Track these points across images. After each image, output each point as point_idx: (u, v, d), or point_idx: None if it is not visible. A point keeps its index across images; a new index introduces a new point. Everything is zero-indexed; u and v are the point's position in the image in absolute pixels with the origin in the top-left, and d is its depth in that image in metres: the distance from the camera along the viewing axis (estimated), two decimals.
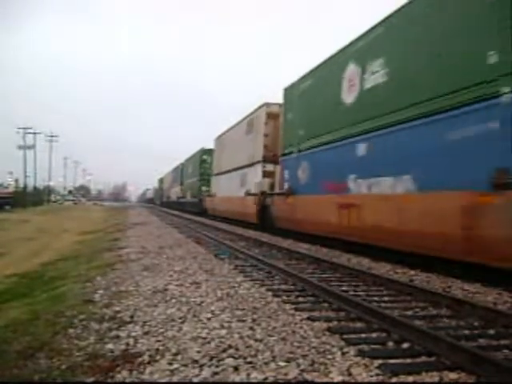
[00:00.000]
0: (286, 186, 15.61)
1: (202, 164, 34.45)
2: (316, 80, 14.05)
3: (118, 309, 5.83)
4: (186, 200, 40.66)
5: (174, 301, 6.14)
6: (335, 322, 5.23)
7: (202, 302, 6.01)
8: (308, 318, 5.30)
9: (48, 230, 26.42)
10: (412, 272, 8.75)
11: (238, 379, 3.56)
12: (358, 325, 5.18)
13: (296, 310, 5.72)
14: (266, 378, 3.56)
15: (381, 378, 3.61)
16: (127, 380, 3.67)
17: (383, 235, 9.81)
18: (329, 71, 13.16)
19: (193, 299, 6.19)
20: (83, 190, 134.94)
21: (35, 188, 73.70)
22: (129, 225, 24.28)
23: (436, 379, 3.62)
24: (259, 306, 5.82)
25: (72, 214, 44.88)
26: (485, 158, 7.15)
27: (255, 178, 19.30)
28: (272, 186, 17.68)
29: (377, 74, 10.48)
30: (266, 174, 18.38)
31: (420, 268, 8.96)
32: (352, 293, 6.75)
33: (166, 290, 6.86)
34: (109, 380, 3.72)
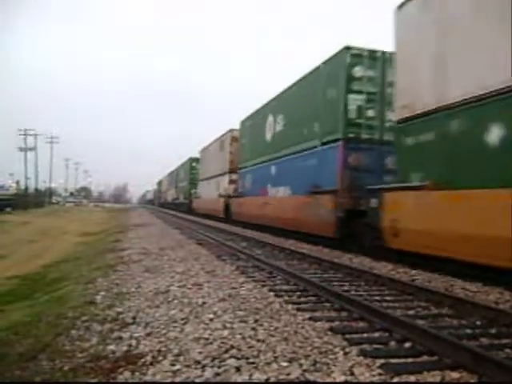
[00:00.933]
0: (239, 190, 22.72)
1: (192, 170, 40.20)
2: (254, 121, 21.12)
3: (120, 310, 5.84)
4: (180, 201, 46.34)
5: (175, 302, 6.15)
6: (337, 322, 5.23)
7: (204, 303, 6.01)
8: (310, 318, 5.30)
9: (49, 231, 26.45)
10: (413, 271, 8.75)
11: (240, 380, 3.56)
12: (360, 325, 5.19)
13: (298, 310, 5.72)
14: (268, 379, 3.57)
15: (383, 377, 3.62)
16: (129, 381, 3.68)
17: (279, 221, 16.46)
18: (260, 117, 20.01)
19: (195, 300, 6.19)
20: (84, 192, 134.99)
21: (36, 190, 73.75)
22: (130, 226, 24.30)
23: (438, 379, 3.62)
24: (261, 307, 5.82)
25: (73, 215, 44.93)
26: (310, 178, 13.65)
27: (224, 184, 26.15)
28: (235, 191, 23.90)
29: (281, 123, 17.29)
30: (231, 182, 25.25)
31: (421, 267, 8.97)
32: (354, 293, 6.76)
33: (167, 291, 6.86)
34: (111, 381, 3.72)
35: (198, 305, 5.94)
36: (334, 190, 12.17)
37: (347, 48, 12.36)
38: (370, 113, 12.38)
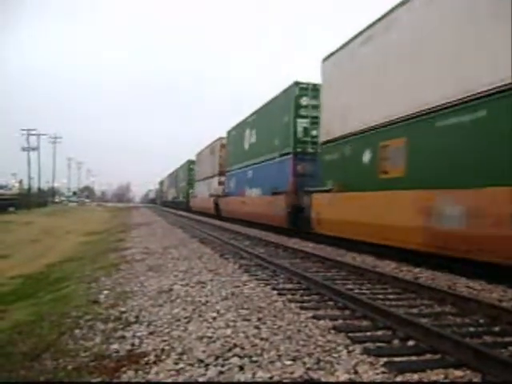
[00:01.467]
0: (226, 191, 26.77)
1: (190, 172, 43.86)
2: (237, 132, 25.00)
3: (123, 309, 5.85)
4: (179, 200, 50.20)
5: (179, 301, 6.16)
6: (340, 321, 5.23)
7: (207, 302, 6.02)
8: (313, 317, 5.30)
9: (52, 231, 26.50)
10: (417, 270, 8.74)
11: (243, 378, 3.57)
12: (364, 323, 5.18)
13: (301, 308, 5.72)
14: (271, 377, 3.57)
15: (386, 375, 3.61)
16: (133, 380, 3.68)
17: (253, 216, 20.32)
18: (241, 129, 24.02)
19: (198, 299, 6.20)
20: (87, 191, 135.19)
21: (39, 189, 73.93)
22: (133, 225, 24.34)
23: (441, 377, 3.61)
24: (264, 305, 5.82)
25: (76, 215, 45.00)
26: (273, 181, 17.43)
27: (215, 185, 29.81)
28: (223, 191, 27.47)
29: (254, 136, 21.25)
30: (220, 183, 28.82)
31: (425, 266, 8.96)
32: (357, 291, 6.75)
33: (171, 289, 6.87)
34: (115, 380, 3.73)
35: (201, 303, 5.95)
36: (286, 191, 16.07)
37: (296, 83, 16.36)
38: (314, 132, 15.93)
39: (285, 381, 3.52)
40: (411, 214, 9.02)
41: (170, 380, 3.62)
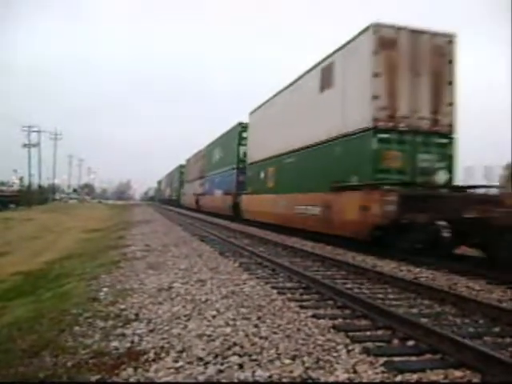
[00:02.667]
0: (203, 191, 34.90)
1: (181, 174, 51.19)
2: (210, 148, 33.59)
3: (123, 307, 5.85)
4: (173, 198, 58.78)
5: (178, 298, 6.16)
6: (340, 320, 5.23)
7: (207, 300, 6.02)
8: (313, 316, 5.30)
9: (53, 228, 26.52)
10: (417, 270, 8.73)
11: (242, 377, 3.57)
12: (363, 322, 5.18)
13: (301, 307, 5.72)
14: (270, 376, 3.57)
15: (386, 375, 3.61)
16: (132, 378, 3.68)
17: (216, 209, 28.99)
18: (213, 146, 32.56)
19: (198, 297, 6.20)
20: (88, 189, 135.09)
21: (40, 186, 73.92)
22: (133, 223, 24.35)
23: (441, 377, 3.61)
24: (264, 304, 5.82)
25: (77, 212, 45.01)
26: (226, 186, 26.61)
27: (197, 186, 37.87)
28: (202, 191, 35.50)
29: (218, 154, 30.61)
30: (200, 185, 36.40)
31: (425, 266, 8.96)
32: (357, 290, 6.75)
33: (171, 287, 6.87)
34: (114, 378, 3.73)
35: (201, 301, 5.95)
36: (232, 192, 24.69)
37: (239, 123, 24.93)
38: None
39: (284, 380, 3.52)
40: (281, 206, 16.45)
41: (169, 378, 3.62)
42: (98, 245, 15.51)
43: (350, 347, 4.21)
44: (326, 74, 13.67)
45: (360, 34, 11.82)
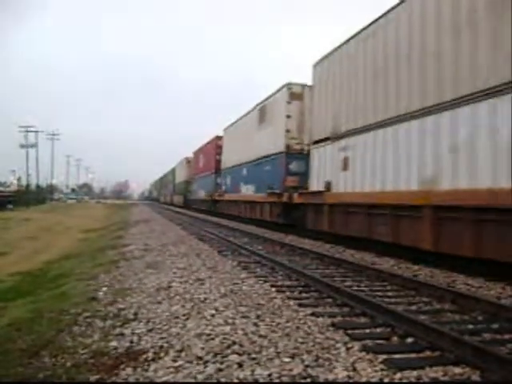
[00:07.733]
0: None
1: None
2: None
3: (121, 306, 5.84)
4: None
5: (177, 298, 6.15)
6: (339, 318, 5.23)
7: (206, 299, 6.01)
8: (312, 314, 5.30)
9: (51, 228, 26.49)
10: (416, 267, 8.74)
11: (242, 376, 3.56)
12: (362, 320, 5.18)
13: (300, 305, 5.72)
14: (270, 374, 3.56)
15: (385, 373, 3.61)
16: (131, 377, 3.68)
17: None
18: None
19: (196, 296, 6.19)
20: (86, 188, 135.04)
21: (38, 186, 73.84)
22: (131, 222, 24.33)
23: (440, 374, 3.61)
24: (263, 302, 5.82)
25: (75, 212, 44.97)
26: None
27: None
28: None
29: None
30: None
31: (423, 263, 8.97)
32: (356, 288, 6.75)
33: (169, 287, 6.87)
34: (113, 378, 3.72)
35: (199, 300, 5.94)
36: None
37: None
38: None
39: (284, 378, 3.52)
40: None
41: (168, 378, 3.62)
42: (97, 244, 15.50)
43: (350, 345, 4.21)
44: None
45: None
